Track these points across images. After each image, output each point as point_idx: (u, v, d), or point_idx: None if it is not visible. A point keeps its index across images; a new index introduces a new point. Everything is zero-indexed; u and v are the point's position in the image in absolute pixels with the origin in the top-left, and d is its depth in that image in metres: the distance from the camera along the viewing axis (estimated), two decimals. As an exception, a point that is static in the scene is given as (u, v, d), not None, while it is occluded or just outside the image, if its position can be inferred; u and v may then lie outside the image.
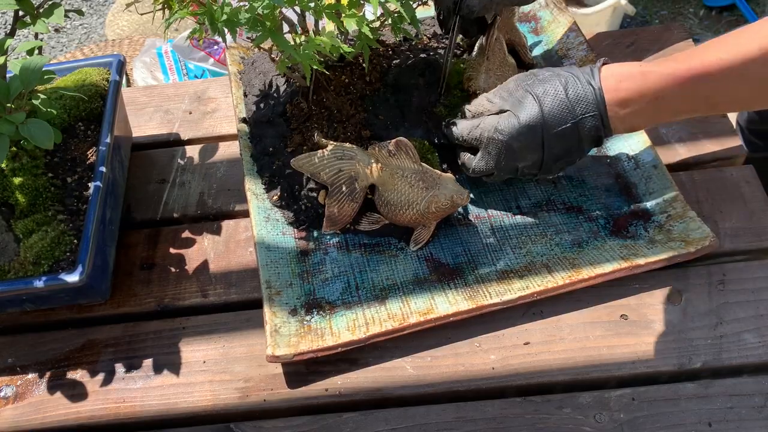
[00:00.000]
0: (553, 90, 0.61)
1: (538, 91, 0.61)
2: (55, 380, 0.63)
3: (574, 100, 0.60)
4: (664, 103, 0.58)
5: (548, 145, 0.61)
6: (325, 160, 0.64)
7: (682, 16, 1.98)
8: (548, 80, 0.62)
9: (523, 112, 0.61)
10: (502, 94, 0.64)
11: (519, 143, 0.61)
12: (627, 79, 0.59)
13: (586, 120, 0.60)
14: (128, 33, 1.81)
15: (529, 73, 0.64)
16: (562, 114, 0.60)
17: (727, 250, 0.65)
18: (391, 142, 0.63)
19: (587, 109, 0.59)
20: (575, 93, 0.60)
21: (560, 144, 0.61)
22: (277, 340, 0.59)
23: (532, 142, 0.61)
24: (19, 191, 0.65)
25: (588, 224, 0.67)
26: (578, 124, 0.60)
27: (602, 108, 0.59)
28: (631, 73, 0.59)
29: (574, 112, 0.60)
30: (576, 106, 0.60)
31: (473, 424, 0.57)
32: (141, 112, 0.86)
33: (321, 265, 0.66)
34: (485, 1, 0.66)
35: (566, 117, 0.60)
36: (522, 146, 0.61)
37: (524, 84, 0.63)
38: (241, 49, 0.84)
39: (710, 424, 0.55)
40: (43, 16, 0.60)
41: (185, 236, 0.72)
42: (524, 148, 0.62)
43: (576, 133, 0.60)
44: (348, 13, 0.59)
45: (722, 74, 0.55)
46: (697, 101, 0.58)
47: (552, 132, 0.60)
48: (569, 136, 0.61)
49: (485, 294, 0.61)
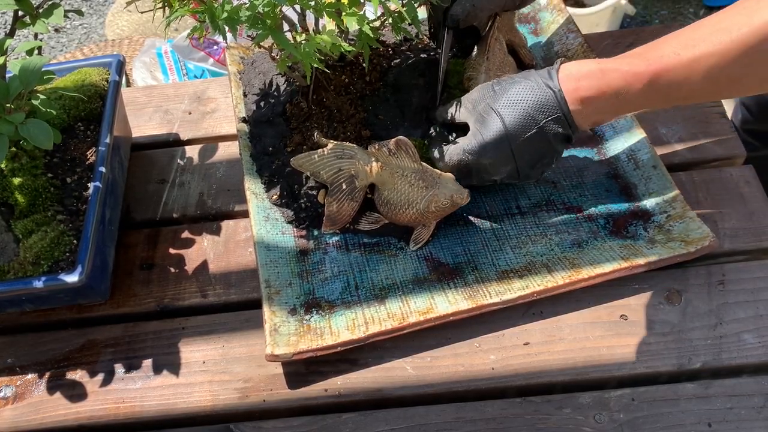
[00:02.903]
0: (512, 100, 0.61)
1: (498, 105, 0.62)
2: (55, 380, 0.63)
3: (534, 107, 0.60)
4: (624, 98, 0.58)
5: (518, 155, 0.62)
6: (325, 159, 0.64)
7: (682, 16, 1.98)
8: (506, 90, 0.62)
9: (486, 130, 0.62)
10: (467, 106, 0.65)
11: (489, 159, 0.62)
12: (586, 78, 0.59)
13: (549, 124, 0.60)
14: (128, 33, 1.81)
15: (490, 84, 0.64)
16: (525, 122, 0.61)
17: (727, 250, 0.65)
18: (391, 142, 0.63)
19: (549, 112, 0.60)
20: (535, 99, 0.60)
21: (530, 150, 0.62)
22: (277, 339, 0.59)
23: (502, 156, 0.62)
24: (19, 191, 0.65)
25: (588, 224, 0.67)
26: (543, 128, 0.61)
27: (565, 109, 0.60)
28: (590, 71, 0.59)
29: (536, 119, 0.60)
30: (537, 113, 0.60)
31: (473, 425, 0.57)
32: (141, 113, 0.86)
33: (320, 264, 0.66)
34: (468, 9, 0.67)
35: (529, 124, 0.61)
36: (493, 162, 0.62)
37: (485, 98, 0.63)
38: (241, 49, 0.84)
39: (710, 425, 0.55)
40: (42, 17, 0.60)
41: (185, 236, 0.72)
42: (495, 163, 0.63)
43: (544, 137, 0.61)
44: (348, 12, 0.59)
45: (680, 71, 0.55)
46: (656, 97, 0.58)
47: (518, 141, 0.61)
48: (537, 142, 0.61)
49: (485, 294, 0.61)
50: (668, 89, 0.56)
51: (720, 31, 0.53)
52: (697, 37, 0.55)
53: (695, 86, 0.55)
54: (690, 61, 0.54)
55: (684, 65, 0.55)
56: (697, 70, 0.54)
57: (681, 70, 0.55)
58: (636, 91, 0.57)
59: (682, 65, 0.55)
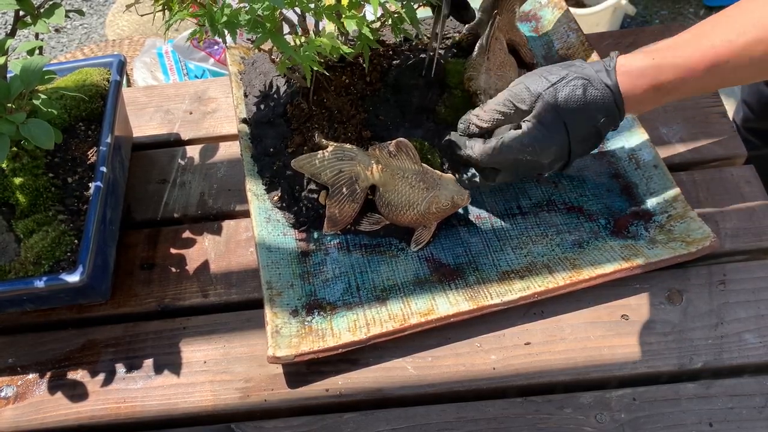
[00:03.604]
0: (573, 97, 0.60)
1: (559, 103, 0.60)
2: (56, 380, 0.63)
3: (595, 108, 0.60)
4: (678, 91, 0.59)
5: (574, 152, 0.62)
6: (326, 161, 0.64)
7: (682, 16, 1.98)
8: (565, 87, 0.60)
9: (548, 130, 0.61)
10: (515, 103, 0.62)
11: (548, 158, 0.62)
12: (642, 77, 0.60)
13: (605, 121, 0.61)
14: (128, 33, 1.81)
15: (539, 76, 0.62)
16: (587, 124, 0.61)
17: (728, 250, 0.65)
18: (392, 143, 0.63)
19: (608, 112, 0.60)
20: (595, 100, 0.60)
21: (584, 146, 0.63)
22: (278, 341, 0.59)
23: (561, 153, 0.62)
24: (20, 191, 0.65)
25: (589, 224, 0.67)
26: (598, 126, 0.61)
27: (621, 107, 0.61)
28: (645, 69, 0.60)
29: (596, 119, 0.61)
30: (597, 113, 0.60)
31: (474, 425, 0.57)
32: (141, 112, 0.86)
33: (322, 265, 0.66)
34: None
35: (590, 125, 0.61)
36: (551, 161, 0.63)
37: (540, 89, 0.61)
38: (242, 50, 0.84)
39: (711, 425, 0.55)
40: (43, 17, 0.60)
41: (186, 236, 0.72)
42: (552, 163, 0.63)
43: (598, 134, 0.62)
44: (348, 14, 0.59)
45: (733, 59, 0.56)
46: (709, 85, 0.60)
47: (577, 140, 0.62)
48: (592, 138, 0.63)
49: (486, 294, 0.61)
50: (721, 80, 0.58)
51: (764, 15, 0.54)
52: (746, 22, 0.56)
53: (746, 72, 0.57)
54: (744, 47, 0.55)
55: (739, 51, 0.55)
56: (751, 55, 0.55)
57: (736, 56, 0.56)
58: (690, 83, 0.58)
59: (737, 52, 0.55)
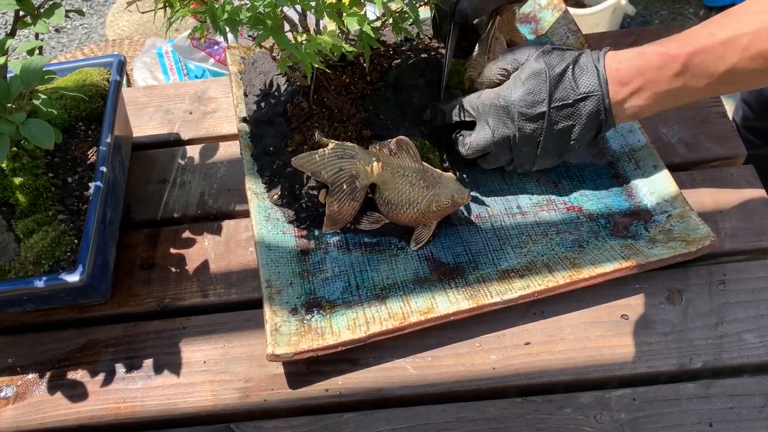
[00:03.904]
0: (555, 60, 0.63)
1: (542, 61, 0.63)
2: (56, 380, 0.63)
3: (578, 72, 0.62)
4: (663, 82, 0.59)
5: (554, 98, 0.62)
6: (326, 159, 0.64)
7: (682, 16, 1.98)
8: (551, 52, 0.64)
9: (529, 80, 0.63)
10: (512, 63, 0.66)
11: (522, 103, 0.63)
12: (627, 60, 0.61)
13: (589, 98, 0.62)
14: (128, 33, 1.81)
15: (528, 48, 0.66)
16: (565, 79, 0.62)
17: (728, 250, 0.65)
18: (392, 141, 0.63)
19: (591, 88, 0.61)
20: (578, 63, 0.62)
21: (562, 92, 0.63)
22: (278, 339, 0.59)
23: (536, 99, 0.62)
24: (20, 191, 0.65)
25: (589, 224, 0.67)
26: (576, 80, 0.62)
27: (605, 89, 0.61)
28: (629, 52, 0.61)
29: (574, 74, 0.62)
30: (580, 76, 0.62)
31: (474, 425, 0.57)
32: (141, 112, 0.86)
33: (321, 264, 0.66)
34: (475, 3, 0.67)
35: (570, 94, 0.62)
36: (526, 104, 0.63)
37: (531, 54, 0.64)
38: (242, 49, 0.84)
39: (711, 425, 0.55)
40: (43, 17, 0.60)
41: (185, 236, 0.72)
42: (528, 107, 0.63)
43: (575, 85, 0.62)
44: (349, 12, 0.59)
45: (716, 50, 0.56)
46: (694, 79, 0.59)
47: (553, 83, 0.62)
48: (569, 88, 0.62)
49: (486, 293, 0.61)
50: (704, 69, 0.57)
51: (759, 13, 0.54)
52: (732, 20, 0.56)
53: (734, 66, 0.56)
54: (725, 41, 0.55)
55: (719, 45, 0.56)
56: (733, 49, 0.55)
57: (717, 49, 0.56)
58: (673, 73, 0.58)
59: (717, 45, 0.56)
